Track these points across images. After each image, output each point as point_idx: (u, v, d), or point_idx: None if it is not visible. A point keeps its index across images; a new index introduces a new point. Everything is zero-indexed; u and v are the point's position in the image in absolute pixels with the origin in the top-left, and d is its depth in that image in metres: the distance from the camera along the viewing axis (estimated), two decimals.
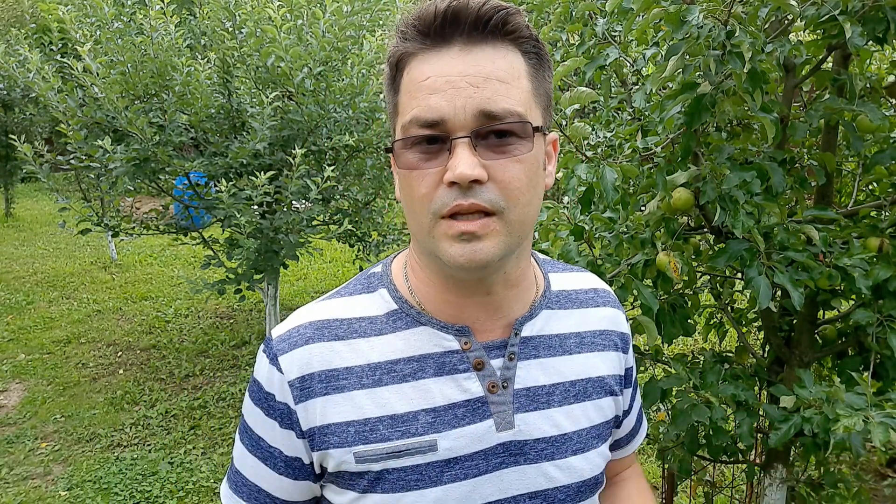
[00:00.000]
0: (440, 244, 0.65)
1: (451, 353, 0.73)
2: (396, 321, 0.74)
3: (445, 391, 0.72)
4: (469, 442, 0.72)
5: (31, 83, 3.57)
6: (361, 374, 0.71)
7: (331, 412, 0.70)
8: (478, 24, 0.63)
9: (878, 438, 1.10)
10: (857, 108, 1.32)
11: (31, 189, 12.01)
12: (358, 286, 0.78)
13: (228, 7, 3.68)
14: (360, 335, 0.73)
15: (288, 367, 0.71)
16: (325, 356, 0.72)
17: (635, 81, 1.77)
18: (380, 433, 0.70)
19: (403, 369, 0.72)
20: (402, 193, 0.69)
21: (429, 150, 0.64)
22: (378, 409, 0.71)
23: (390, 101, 0.70)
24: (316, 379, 0.71)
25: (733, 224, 1.27)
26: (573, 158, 1.37)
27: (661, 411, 1.94)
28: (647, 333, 1.48)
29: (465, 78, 0.63)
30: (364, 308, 0.75)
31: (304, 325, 0.74)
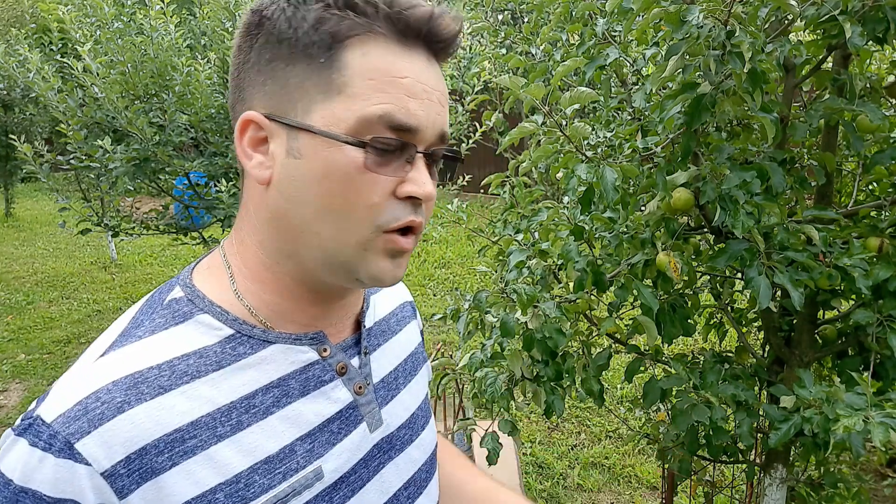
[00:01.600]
0: (370, 258, 0.59)
1: (311, 366, 0.64)
2: (237, 347, 0.60)
3: (316, 409, 0.63)
4: (350, 455, 0.65)
5: (31, 83, 3.57)
6: (213, 423, 0.57)
7: (186, 485, 0.55)
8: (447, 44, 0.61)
9: (878, 438, 1.10)
10: (857, 108, 1.32)
11: (31, 189, 12.01)
12: (159, 320, 0.60)
13: (228, 7, 3.68)
14: (192, 377, 0.57)
15: (96, 454, 0.52)
16: (156, 418, 0.55)
17: (635, 81, 1.77)
18: (258, 484, 0.58)
19: (264, 401, 0.60)
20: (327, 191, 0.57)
21: (386, 157, 0.57)
22: (247, 457, 0.58)
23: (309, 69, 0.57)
24: (152, 452, 0.54)
25: (733, 224, 1.27)
26: (573, 158, 1.37)
27: (661, 411, 1.94)
28: (647, 333, 1.48)
29: (436, 92, 0.60)
30: (184, 343, 0.59)
31: (101, 390, 0.54)
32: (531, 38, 2.00)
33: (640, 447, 3.50)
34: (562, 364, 1.54)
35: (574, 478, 3.30)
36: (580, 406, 3.96)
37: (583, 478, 3.29)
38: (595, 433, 3.73)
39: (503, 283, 1.62)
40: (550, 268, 1.62)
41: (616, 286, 1.49)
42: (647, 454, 3.48)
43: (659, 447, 1.84)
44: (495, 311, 1.57)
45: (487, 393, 1.55)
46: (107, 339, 0.60)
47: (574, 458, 3.48)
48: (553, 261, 1.60)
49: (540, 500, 3.15)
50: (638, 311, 1.55)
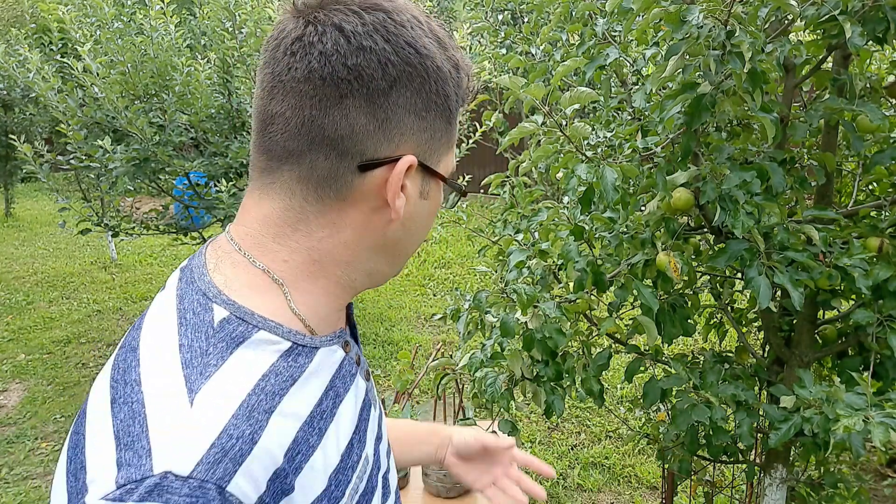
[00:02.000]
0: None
1: (343, 364, 0.67)
2: (297, 358, 0.60)
3: (354, 403, 0.67)
4: (372, 438, 0.71)
5: (31, 83, 3.57)
6: (306, 436, 0.59)
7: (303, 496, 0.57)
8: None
9: (878, 438, 1.10)
10: (857, 108, 1.32)
11: (31, 189, 12.01)
12: (221, 344, 0.56)
13: (228, 7, 3.68)
14: (279, 395, 0.57)
15: (247, 492, 0.51)
16: (277, 442, 0.55)
17: (635, 81, 1.77)
18: (342, 484, 0.62)
19: (328, 405, 0.62)
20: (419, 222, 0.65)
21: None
22: (331, 460, 0.61)
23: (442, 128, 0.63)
24: (282, 475, 0.55)
25: (733, 224, 1.27)
26: (573, 158, 1.37)
27: (661, 411, 1.94)
28: (647, 333, 1.48)
29: None
30: (257, 365, 0.57)
31: (229, 425, 0.52)
32: (531, 38, 2.00)
33: (640, 447, 3.50)
34: (562, 364, 1.54)
35: (574, 478, 3.30)
36: (580, 406, 3.96)
37: (583, 478, 3.29)
38: (595, 433, 3.73)
39: (503, 283, 1.62)
40: (550, 268, 1.62)
41: (616, 286, 1.49)
42: (647, 454, 3.48)
43: (659, 447, 1.84)
44: (495, 311, 1.57)
45: (487, 393, 1.55)
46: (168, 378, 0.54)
47: (574, 458, 3.48)
48: (553, 261, 1.60)
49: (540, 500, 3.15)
50: (638, 311, 1.55)
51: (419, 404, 1.94)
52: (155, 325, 0.59)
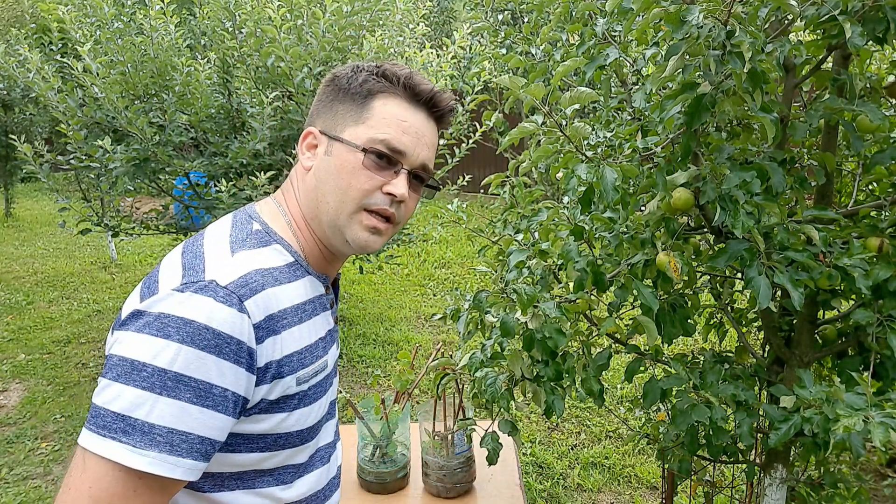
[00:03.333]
0: (353, 227, 0.92)
1: (323, 296, 0.98)
2: (296, 271, 0.92)
3: (324, 322, 0.97)
4: (331, 361, 0.99)
5: (31, 83, 3.57)
6: (292, 313, 0.88)
7: (285, 345, 0.85)
8: (441, 113, 0.98)
9: (878, 438, 1.10)
10: (857, 108, 1.32)
11: (31, 189, 12.01)
12: (253, 241, 0.90)
13: (228, 7, 3.68)
14: (281, 283, 0.88)
15: (254, 311, 0.81)
16: (276, 299, 0.85)
17: (635, 81, 1.77)
18: (308, 358, 0.90)
19: (308, 308, 0.92)
20: (339, 176, 0.91)
21: (382, 164, 0.92)
22: (304, 340, 0.90)
23: (352, 109, 0.93)
24: (276, 319, 0.84)
25: (733, 224, 1.27)
26: (573, 158, 1.37)
27: (661, 411, 1.94)
28: (647, 333, 1.47)
29: (426, 138, 0.96)
30: (271, 260, 0.89)
31: (251, 273, 0.84)
32: (531, 38, 2.00)
33: (640, 447, 3.50)
34: (562, 364, 1.54)
35: (574, 478, 3.30)
36: (580, 406, 3.96)
37: (583, 478, 3.29)
38: (595, 433, 3.73)
39: (503, 283, 1.62)
40: (550, 268, 1.62)
41: (616, 286, 1.48)
42: (647, 454, 3.48)
43: (659, 447, 1.84)
44: (495, 311, 1.57)
45: (487, 393, 1.55)
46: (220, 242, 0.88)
47: (574, 458, 3.48)
48: (553, 261, 1.60)
49: (540, 500, 3.16)
50: (638, 311, 1.55)
51: (419, 404, 1.93)
52: (215, 226, 0.93)
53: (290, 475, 0.93)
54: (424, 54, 4.04)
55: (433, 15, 12.89)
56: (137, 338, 0.76)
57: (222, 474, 0.86)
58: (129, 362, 0.75)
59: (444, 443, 1.80)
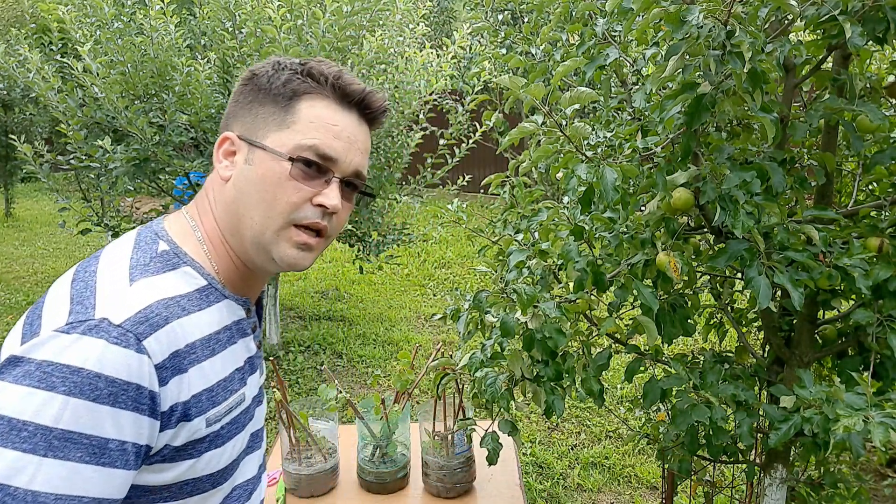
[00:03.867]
0: (281, 244, 0.83)
1: (242, 321, 0.89)
2: (209, 296, 0.83)
3: (242, 351, 0.88)
4: (253, 388, 0.92)
5: (31, 83, 3.57)
6: (202, 346, 0.79)
7: (192, 384, 0.76)
8: (374, 116, 0.89)
9: (878, 438, 1.10)
10: (857, 108, 1.32)
11: (31, 189, 12.00)
12: (158, 265, 0.80)
13: (228, 7, 3.68)
14: (190, 312, 0.78)
15: (155, 350, 0.71)
16: (183, 333, 0.76)
17: (635, 81, 1.77)
18: (220, 395, 0.81)
19: (222, 338, 0.84)
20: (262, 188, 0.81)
21: (311, 173, 0.82)
22: (216, 374, 0.81)
23: (274, 113, 0.84)
24: (182, 355, 0.75)
25: (733, 224, 1.27)
26: (573, 158, 1.37)
27: (661, 411, 1.94)
28: (647, 333, 1.47)
29: (359, 142, 0.87)
30: (177, 286, 0.79)
31: (153, 305, 0.74)
32: (531, 38, 2.00)
33: (640, 447, 3.50)
34: (562, 364, 1.54)
35: (574, 478, 3.30)
36: (580, 406, 3.96)
37: (583, 478, 3.29)
38: (595, 433, 3.73)
39: (503, 283, 1.62)
40: (550, 268, 1.62)
41: (616, 286, 1.48)
42: (647, 454, 3.48)
43: (659, 447, 1.84)
44: (495, 311, 1.57)
45: (487, 393, 1.55)
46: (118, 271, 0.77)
47: (574, 458, 3.48)
48: (553, 261, 1.60)
49: (540, 500, 3.16)
50: (638, 311, 1.55)
51: (419, 404, 1.93)
52: (114, 247, 0.82)
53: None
54: (424, 54, 4.04)
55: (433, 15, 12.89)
56: (16, 390, 0.64)
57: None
58: (6, 420, 0.63)
59: (444, 443, 1.80)
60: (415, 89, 4.04)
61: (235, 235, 0.85)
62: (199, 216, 0.88)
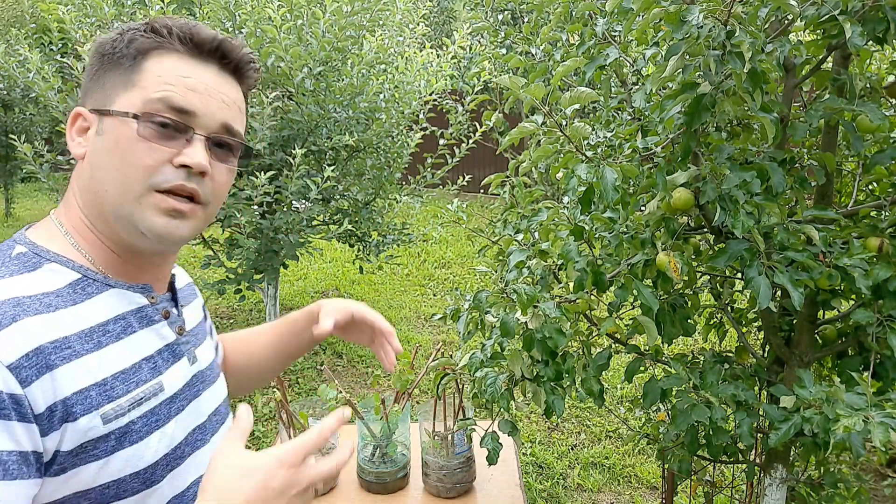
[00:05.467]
0: (145, 212, 0.76)
1: (144, 308, 0.83)
2: (86, 288, 0.77)
3: (152, 340, 0.83)
4: (179, 378, 0.85)
5: (31, 83, 3.57)
6: (81, 340, 0.73)
7: (69, 382, 0.70)
8: (237, 66, 0.83)
9: (878, 438, 1.10)
10: (857, 108, 1.32)
11: (31, 189, 12.00)
12: (13, 267, 0.74)
13: (228, 7, 3.68)
14: (56, 308, 0.73)
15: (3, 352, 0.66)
16: (44, 328, 0.70)
17: (635, 81, 1.77)
18: (118, 389, 0.75)
19: (115, 328, 0.78)
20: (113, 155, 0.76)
21: (166, 132, 0.76)
22: (108, 368, 0.75)
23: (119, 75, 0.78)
24: (46, 352, 0.69)
25: (733, 224, 1.27)
26: (573, 158, 1.37)
27: (661, 411, 1.94)
28: (647, 333, 1.48)
29: (220, 94, 0.80)
30: (39, 285, 0.73)
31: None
32: (531, 38, 2.00)
33: (640, 447, 3.50)
34: (562, 364, 1.54)
35: (574, 478, 3.30)
36: (580, 406, 3.96)
37: (583, 478, 3.29)
38: (595, 433, 3.73)
39: (503, 283, 1.62)
40: (550, 268, 1.62)
41: (616, 286, 1.48)
42: (647, 454, 3.48)
43: (659, 447, 1.84)
44: (495, 311, 1.57)
45: (487, 393, 1.55)
46: None
47: (574, 458, 3.48)
48: (553, 261, 1.60)
49: (540, 501, 3.16)
50: (638, 311, 1.55)
51: (419, 404, 1.94)
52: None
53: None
54: (424, 54, 4.04)
55: (433, 15, 12.90)
56: None
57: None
58: None
59: (444, 443, 1.80)
60: (415, 89, 4.04)
61: (100, 216, 0.79)
62: (63, 211, 0.82)
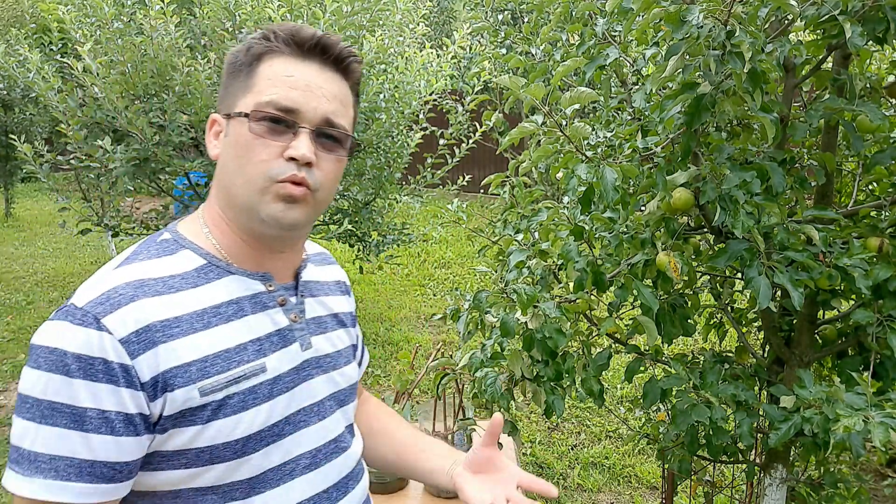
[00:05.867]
0: (266, 201, 0.84)
1: (259, 294, 0.90)
2: (208, 274, 0.87)
3: (263, 324, 0.89)
4: (286, 361, 0.90)
5: (31, 83, 3.57)
6: (192, 320, 0.82)
7: (172, 357, 0.79)
8: (337, 60, 0.89)
9: (878, 438, 1.10)
10: (857, 108, 1.32)
11: (31, 189, 12.01)
12: (153, 252, 0.87)
13: (228, 7, 3.68)
14: (178, 290, 0.83)
15: (117, 327, 0.77)
16: (155, 309, 0.80)
17: (635, 81, 1.77)
18: (219, 366, 0.82)
19: (227, 311, 0.86)
20: (236, 153, 0.85)
21: (276, 128, 0.84)
22: (213, 346, 0.83)
23: (240, 81, 0.88)
24: (153, 330, 0.79)
25: (733, 224, 1.27)
26: (573, 158, 1.37)
27: (661, 411, 1.94)
28: (647, 333, 1.48)
29: (321, 89, 0.87)
30: (171, 268, 0.85)
31: (119, 286, 0.80)
32: (531, 38, 2.00)
33: (640, 447, 3.50)
34: (562, 364, 1.54)
35: (574, 478, 3.30)
36: (580, 406, 3.96)
37: (583, 478, 3.29)
38: (595, 433, 3.73)
39: (503, 283, 1.62)
40: (550, 268, 1.62)
41: (616, 286, 1.48)
42: (647, 454, 3.48)
43: (659, 447, 1.84)
44: (495, 311, 1.57)
45: (487, 393, 1.55)
46: (116, 262, 0.86)
47: (574, 458, 3.48)
48: (553, 261, 1.60)
49: (540, 501, 3.16)
50: (638, 311, 1.55)
51: (419, 404, 1.93)
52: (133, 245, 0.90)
53: (240, 492, 0.85)
54: (424, 54, 4.04)
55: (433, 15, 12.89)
56: (24, 371, 0.78)
57: (155, 493, 0.83)
58: (20, 395, 0.78)
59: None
60: (415, 89, 4.04)
61: (231, 208, 0.88)
62: (206, 205, 0.93)
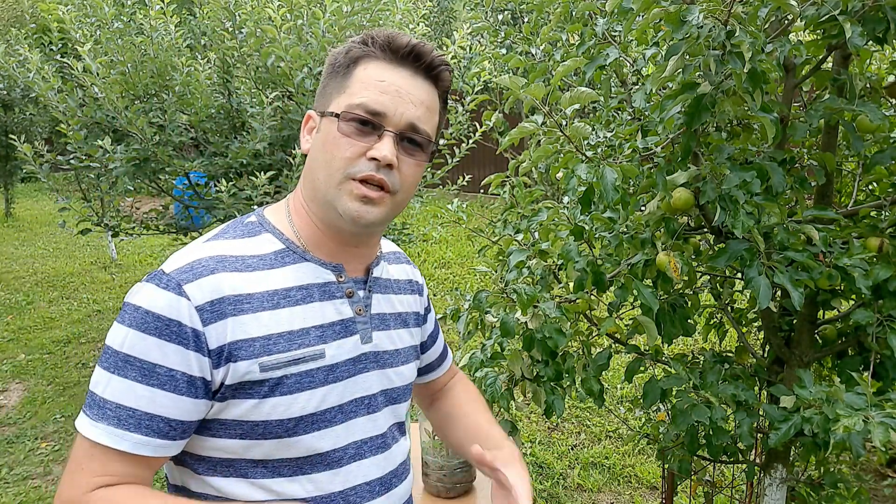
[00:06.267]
0: (343, 197, 0.89)
1: (329, 284, 0.95)
2: (284, 258, 0.93)
3: (327, 312, 0.93)
4: (345, 351, 0.94)
5: (31, 83, 3.57)
6: (262, 298, 0.88)
7: (239, 330, 0.85)
8: (429, 67, 0.93)
9: (878, 438, 1.10)
10: (857, 108, 1.32)
11: (31, 189, 12.01)
12: (238, 232, 0.93)
13: (228, 7, 3.68)
14: (254, 269, 0.89)
15: (195, 294, 0.83)
16: (231, 283, 0.86)
17: (635, 81, 1.77)
18: (281, 345, 0.87)
19: (296, 295, 0.91)
20: (324, 149, 0.90)
21: (363, 129, 0.88)
22: (278, 326, 0.88)
23: (337, 82, 0.93)
24: (226, 302, 0.85)
25: (733, 224, 1.27)
26: (573, 158, 1.37)
27: (661, 411, 1.94)
28: (647, 333, 1.48)
29: (410, 95, 0.91)
30: (252, 248, 0.91)
31: (203, 259, 0.87)
32: (531, 38, 2.00)
33: (640, 447, 3.50)
34: (562, 364, 1.54)
35: (574, 478, 3.30)
36: (580, 406, 3.96)
37: (583, 478, 3.29)
38: (595, 433, 3.73)
39: (503, 283, 1.62)
40: (550, 268, 1.62)
41: (616, 286, 1.48)
42: (647, 454, 3.48)
43: (659, 447, 1.84)
44: (495, 311, 1.57)
45: (487, 393, 1.55)
46: (205, 237, 0.93)
47: (574, 458, 3.48)
48: (553, 261, 1.60)
49: (540, 501, 3.16)
50: (638, 311, 1.55)
51: None
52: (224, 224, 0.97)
53: (288, 469, 0.89)
54: None
55: (433, 15, 12.89)
56: (113, 326, 0.86)
57: (212, 458, 0.88)
58: (105, 346, 0.85)
59: (444, 443, 1.80)
60: None
61: (313, 200, 0.93)
62: (293, 194, 0.99)
